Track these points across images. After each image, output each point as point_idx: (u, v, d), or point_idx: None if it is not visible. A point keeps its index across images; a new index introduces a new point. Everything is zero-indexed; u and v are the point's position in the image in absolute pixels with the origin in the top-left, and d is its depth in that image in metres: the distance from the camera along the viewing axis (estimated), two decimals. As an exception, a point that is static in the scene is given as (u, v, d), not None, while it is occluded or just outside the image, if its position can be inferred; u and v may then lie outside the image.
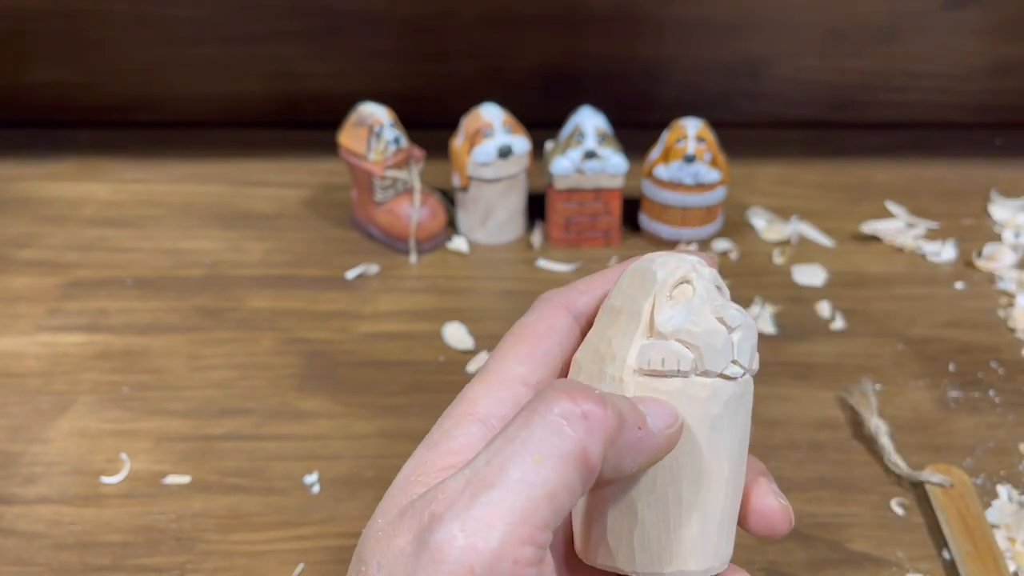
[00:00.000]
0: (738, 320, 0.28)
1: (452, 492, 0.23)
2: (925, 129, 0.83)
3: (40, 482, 0.50)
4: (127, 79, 0.82)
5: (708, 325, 0.28)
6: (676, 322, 0.28)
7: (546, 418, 0.24)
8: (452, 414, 0.28)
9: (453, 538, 0.22)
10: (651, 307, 0.28)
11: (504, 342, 0.30)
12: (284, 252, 0.68)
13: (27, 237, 0.69)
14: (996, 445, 0.52)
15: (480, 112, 0.65)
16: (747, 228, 0.71)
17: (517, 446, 0.23)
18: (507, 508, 0.23)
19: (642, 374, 0.28)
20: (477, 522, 0.23)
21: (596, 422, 0.24)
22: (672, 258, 0.29)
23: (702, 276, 0.29)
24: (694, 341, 0.27)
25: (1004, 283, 0.65)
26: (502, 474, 0.23)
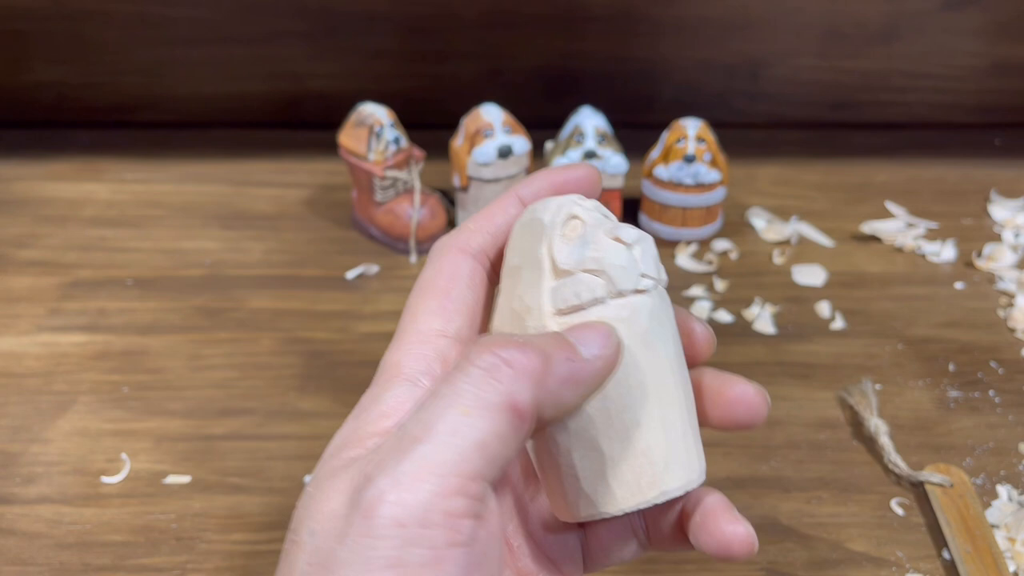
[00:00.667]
0: (633, 235, 0.28)
1: (383, 452, 0.24)
2: (925, 129, 0.83)
3: (40, 482, 0.50)
4: (127, 79, 0.82)
5: (607, 248, 0.28)
6: (576, 255, 0.28)
7: (469, 372, 0.24)
8: (378, 381, 0.28)
9: (382, 494, 0.22)
10: (548, 251, 0.28)
11: (411, 300, 0.30)
12: (284, 252, 0.68)
13: (27, 237, 0.69)
14: (996, 445, 0.52)
15: (480, 112, 0.65)
16: (747, 228, 0.71)
17: (444, 402, 0.24)
18: (436, 461, 0.23)
19: (562, 315, 0.28)
20: (406, 476, 0.23)
21: (519, 367, 0.24)
22: (551, 201, 0.29)
23: (587, 208, 0.29)
24: (599, 267, 0.28)
25: (1004, 283, 0.65)
26: (430, 429, 0.23)
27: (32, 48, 0.81)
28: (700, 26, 0.80)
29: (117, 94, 0.83)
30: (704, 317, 0.61)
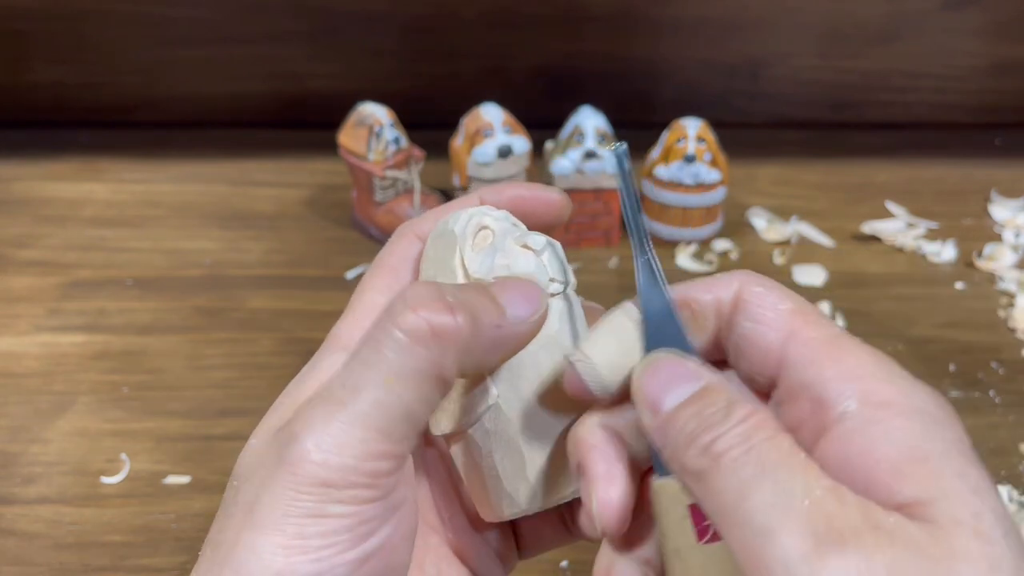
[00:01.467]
0: (541, 242, 0.29)
1: (309, 411, 0.24)
2: (925, 129, 0.83)
3: (40, 482, 0.50)
4: (127, 79, 0.82)
5: (516, 255, 0.29)
6: (487, 263, 0.29)
7: (395, 337, 0.24)
8: (320, 351, 0.29)
9: (307, 453, 0.23)
10: (461, 260, 0.29)
11: (364, 278, 0.31)
12: (284, 252, 0.68)
13: (27, 237, 0.69)
14: (996, 445, 0.52)
15: (480, 112, 0.65)
16: (747, 228, 0.71)
17: (370, 368, 0.24)
18: (361, 426, 0.24)
19: None
20: (332, 439, 0.23)
21: (447, 336, 0.25)
22: (462, 212, 0.30)
23: (496, 218, 0.30)
24: (509, 273, 0.28)
25: (1004, 283, 0.65)
26: (356, 395, 0.24)
27: (32, 48, 0.81)
28: (700, 26, 0.80)
29: (117, 94, 0.83)
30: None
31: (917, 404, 0.23)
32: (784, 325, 0.26)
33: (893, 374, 0.24)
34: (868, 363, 0.25)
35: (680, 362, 0.25)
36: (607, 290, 0.64)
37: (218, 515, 0.26)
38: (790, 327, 0.26)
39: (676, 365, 0.25)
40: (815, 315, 0.26)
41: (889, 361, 0.25)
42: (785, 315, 0.26)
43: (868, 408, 0.23)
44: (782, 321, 0.26)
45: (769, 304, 0.26)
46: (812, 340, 0.25)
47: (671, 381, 0.25)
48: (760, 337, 0.26)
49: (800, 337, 0.25)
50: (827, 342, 0.25)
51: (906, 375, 0.24)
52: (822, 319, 0.26)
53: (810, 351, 0.25)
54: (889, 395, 0.23)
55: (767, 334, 0.26)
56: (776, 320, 0.26)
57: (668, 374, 0.25)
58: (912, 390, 0.24)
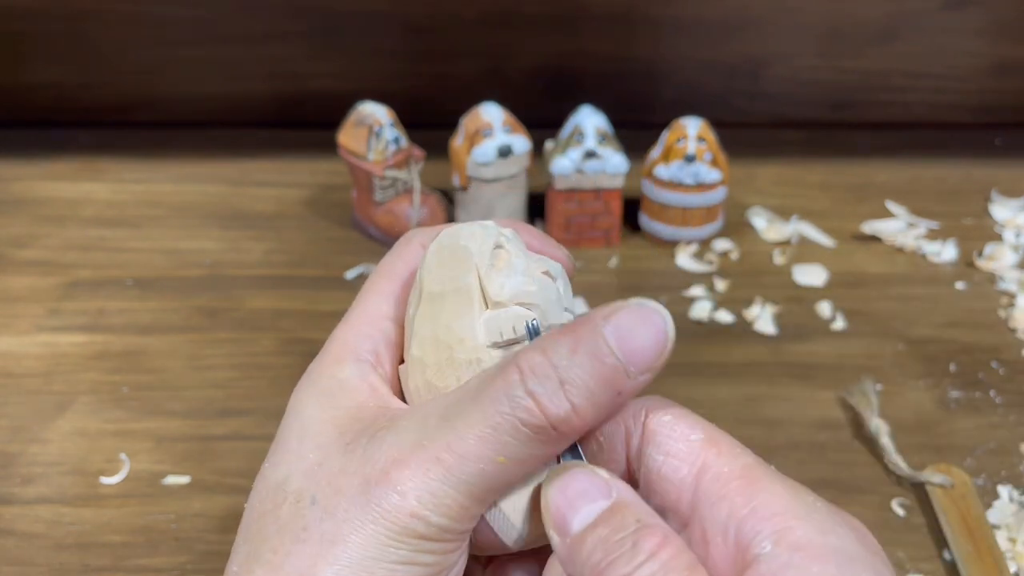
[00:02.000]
0: (558, 269, 0.29)
1: (413, 467, 0.24)
2: (925, 129, 0.83)
3: (39, 482, 0.50)
4: (126, 79, 0.82)
5: (540, 282, 0.28)
6: (510, 287, 0.28)
7: (516, 427, 0.24)
8: (329, 353, 0.29)
9: (409, 508, 0.24)
10: (478, 280, 0.28)
11: (367, 283, 0.31)
12: (284, 252, 0.68)
13: (27, 237, 0.69)
14: (997, 445, 0.52)
15: (480, 112, 0.65)
16: (747, 228, 0.71)
17: (483, 444, 0.24)
18: (466, 495, 0.24)
19: (497, 348, 0.28)
20: (434, 500, 0.24)
21: (569, 432, 0.25)
22: (473, 227, 0.29)
23: (509, 239, 0.29)
24: (533, 300, 0.28)
25: (1005, 283, 0.65)
26: (464, 462, 0.24)
27: (31, 48, 0.80)
28: (700, 26, 0.80)
29: (116, 94, 0.83)
30: (704, 317, 0.61)
31: (833, 544, 0.22)
32: (696, 458, 0.25)
33: (810, 509, 0.23)
34: (783, 499, 0.24)
35: (589, 474, 0.25)
36: (607, 290, 0.64)
37: (265, 530, 0.25)
38: (703, 460, 0.25)
39: (586, 477, 0.24)
40: (727, 444, 0.25)
41: (805, 492, 0.24)
42: (697, 446, 0.25)
43: (783, 550, 0.22)
44: (694, 454, 0.25)
45: (680, 435, 0.26)
46: (724, 475, 0.24)
47: (579, 497, 0.24)
48: (672, 471, 0.25)
49: (712, 471, 0.25)
50: (740, 476, 0.24)
51: (823, 508, 0.24)
52: (735, 448, 0.25)
53: (723, 487, 0.24)
54: (805, 535, 0.23)
55: (679, 468, 0.25)
56: (688, 452, 0.25)
57: (576, 488, 0.24)
58: (829, 527, 0.23)
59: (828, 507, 0.24)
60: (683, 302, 0.63)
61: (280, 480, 0.26)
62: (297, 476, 0.26)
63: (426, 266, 0.29)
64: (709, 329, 0.61)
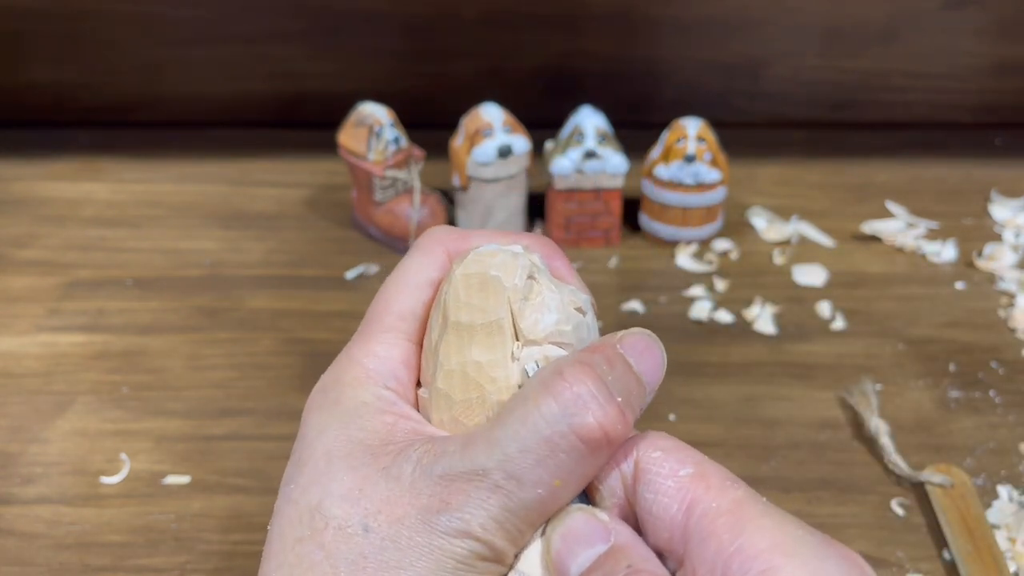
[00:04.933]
0: (587, 302, 0.28)
1: (470, 493, 0.25)
2: (925, 129, 0.83)
3: (39, 482, 0.50)
4: (127, 79, 0.82)
5: (574, 320, 0.28)
6: (544, 325, 0.27)
7: (573, 444, 0.24)
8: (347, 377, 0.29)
9: (473, 533, 0.24)
10: (511, 316, 0.27)
11: (385, 290, 0.30)
12: (284, 252, 0.68)
13: (27, 237, 0.69)
14: (996, 445, 0.52)
15: (480, 112, 0.65)
16: (747, 228, 0.71)
17: (539, 465, 0.24)
18: (523, 520, 0.25)
19: None
20: (496, 526, 0.25)
21: (619, 441, 0.25)
22: (499, 256, 0.28)
23: (537, 266, 0.28)
24: (567, 339, 0.27)
25: (1004, 283, 0.65)
26: (521, 487, 0.24)
27: (32, 48, 0.80)
28: (700, 26, 0.80)
29: (116, 94, 0.83)
30: (704, 317, 0.61)
31: None
32: (685, 495, 0.25)
33: (798, 544, 0.23)
34: (771, 534, 0.23)
35: (590, 518, 0.25)
36: (607, 290, 0.64)
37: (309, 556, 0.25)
38: (692, 496, 0.25)
39: (586, 522, 0.25)
40: (717, 478, 0.25)
41: (795, 526, 0.24)
42: (686, 482, 0.25)
43: None
44: (683, 490, 0.25)
45: (669, 471, 0.25)
46: (712, 511, 0.24)
47: (579, 542, 0.25)
48: (663, 510, 0.25)
49: (700, 507, 0.24)
50: (729, 512, 0.24)
51: (812, 542, 0.23)
52: (725, 482, 0.25)
53: (710, 524, 0.24)
54: (791, 574, 0.22)
55: (670, 506, 0.25)
56: (677, 490, 0.25)
57: (576, 534, 0.25)
58: (818, 564, 0.23)
59: (819, 540, 0.24)
60: (683, 302, 0.63)
61: (314, 505, 0.26)
62: (335, 501, 0.25)
63: (452, 292, 0.28)
64: (709, 329, 0.61)
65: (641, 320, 0.61)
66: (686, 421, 0.54)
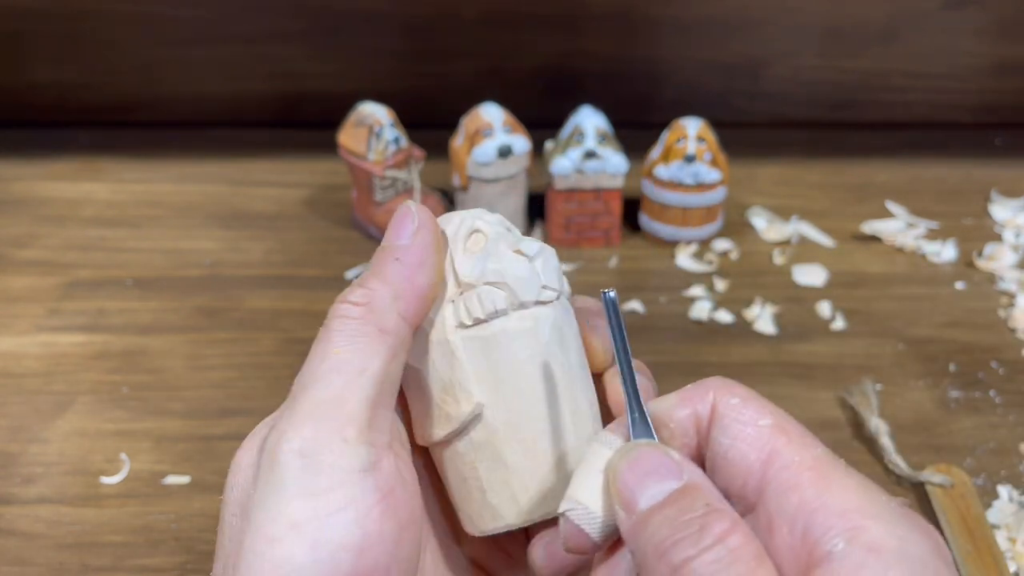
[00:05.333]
0: (535, 248, 0.29)
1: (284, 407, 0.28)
2: (925, 129, 0.83)
3: (40, 482, 0.50)
4: (127, 79, 0.82)
5: (509, 260, 0.28)
6: (478, 268, 0.28)
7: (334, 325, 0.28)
8: None
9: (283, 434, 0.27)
10: (451, 264, 0.29)
11: None
12: (284, 252, 0.68)
13: (27, 237, 0.69)
14: (996, 445, 0.52)
15: (480, 112, 0.65)
16: (747, 228, 0.71)
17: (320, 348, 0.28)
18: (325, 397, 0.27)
19: (463, 328, 0.28)
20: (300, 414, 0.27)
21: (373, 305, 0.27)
22: (456, 215, 0.30)
23: (490, 222, 0.29)
24: (501, 279, 0.28)
25: (1004, 283, 0.65)
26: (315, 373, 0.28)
27: (32, 48, 0.80)
28: (700, 26, 0.80)
29: (117, 94, 0.83)
30: (704, 317, 0.61)
31: (910, 551, 0.22)
32: (765, 444, 0.24)
33: (882, 509, 0.23)
34: (856, 495, 0.23)
35: (661, 455, 0.24)
36: (607, 290, 0.64)
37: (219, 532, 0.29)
38: (772, 446, 0.24)
39: (657, 457, 0.24)
40: (798, 432, 0.25)
41: (877, 491, 0.24)
42: (766, 432, 0.25)
43: (858, 550, 0.22)
44: (763, 440, 0.25)
45: (748, 419, 0.25)
46: (794, 464, 0.24)
47: (649, 475, 0.24)
48: (740, 456, 0.24)
49: (782, 459, 0.24)
50: (811, 468, 0.24)
51: (896, 509, 0.23)
52: (805, 437, 0.25)
53: (793, 476, 0.24)
54: (880, 537, 0.22)
55: (748, 453, 0.24)
56: (756, 438, 0.25)
57: (647, 466, 0.24)
58: (904, 531, 0.22)
59: (901, 508, 0.23)
60: (683, 302, 0.63)
61: None
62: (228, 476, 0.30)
63: None
64: (709, 329, 0.61)
65: (641, 320, 0.61)
66: (686, 421, 0.54)
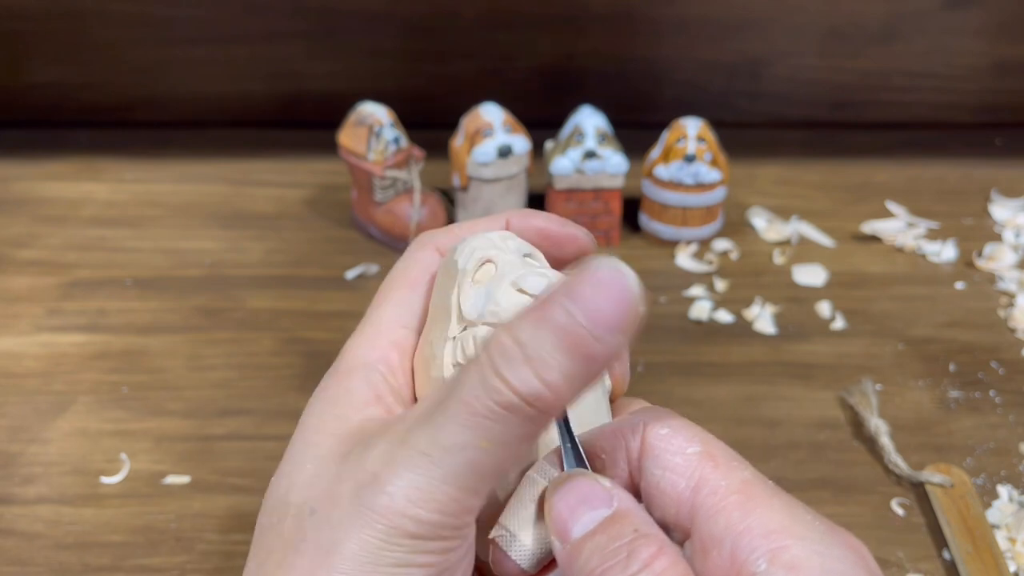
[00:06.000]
0: (539, 286, 0.27)
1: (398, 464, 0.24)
2: (925, 129, 0.83)
3: (40, 482, 0.50)
4: (127, 79, 0.82)
5: (509, 300, 0.27)
6: (479, 306, 0.27)
7: (492, 409, 0.23)
8: (340, 368, 0.29)
9: (399, 507, 0.23)
10: (457, 297, 0.28)
11: (381, 289, 0.31)
12: (284, 252, 0.68)
13: (27, 237, 0.69)
14: (996, 445, 0.52)
15: (480, 112, 0.65)
16: (747, 228, 0.71)
17: (464, 430, 0.24)
18: (455, 486, 0.24)
19: (459, 367, 0.28)
20: (424, 495, 0.24)
21: (547, 408, 0.24)
22: (472, 240, 0.29)
23: (505, 250, 0.28)
24: (498, 320, 0.27)
25: (1004, 283, 0.65)
26: (448, 455, 0.24)
27: (31, 48, 0.80)
28: (701, 26, 0.80)
29: (116, 94, 0.83)
30: (704, 317, 0.61)
31: (828, 565, 0.22)
32: (694, 472, 0.25)
33: (806, 528, 0.23)
34: (780, 515, 0.24)
35: (592, 483, 0.25)
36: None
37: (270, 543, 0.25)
38: (700, 473, 0.25)
39: (588, 486, 0.25)
40: (725, 457, 0.25)
41: (803, 510, 0.24)
42: (694, 460, 0.25)
43: (779, 570, 0.22)
44: (691, 467, 0.25)
45: (676, 448, 0.25)
46: (722, 489, 0.24)
47: (581, 503, 0.24)
48: (671, 486, 0.25)
49: (710, 485, 0.25)
50: (738, 491, 0.24)
51: (820, 526, 0.23)
52: (732, 461, 0.25)
53: (720, 501, 0.24)
54: (800, 556, 0.23)
55: (678, 482, 0.25)
56: (685, 467, 0.25)
57: (579, 495, 0.24)
58: (825, 547, 0.23)
59: (826, 525, 0.24)
60: (683, 302, 0.63)
61: (282, 493, 0.26)
62: (297, 488, 0.26)
63: (436, 276, 0.29)
64: (709, 329, 0.61)
65: (641, 320, 0.61)
66: (686, 421, 0.54)
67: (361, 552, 0.24)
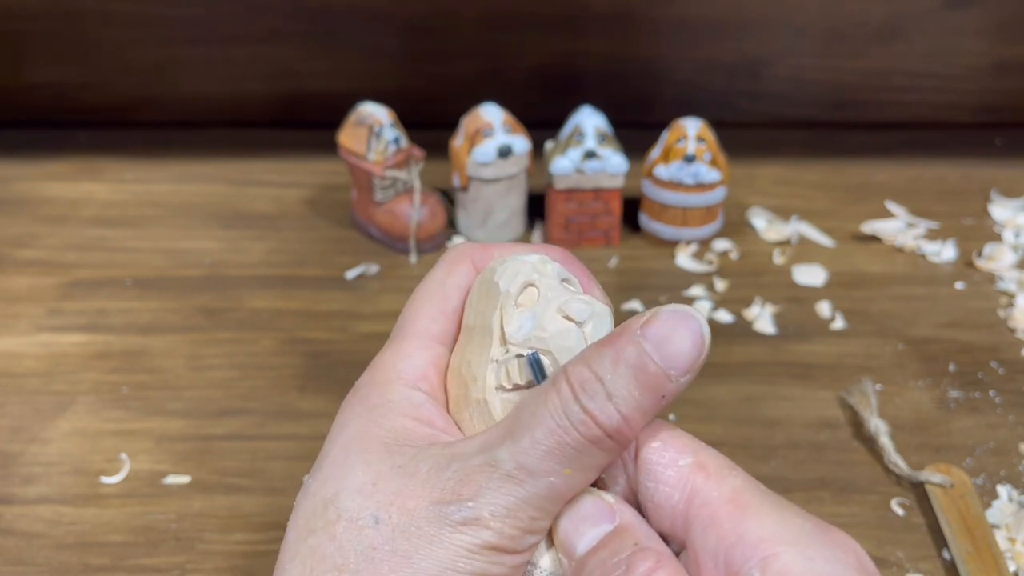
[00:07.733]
0: (585, 312, 0.28)
1: (483, 484, 0.25)
2: (925, 129, 0.83)
3: (40, 482, 0.50)
4: (127, 79, 0.82)
5: (556, 326, 0.27)
6: (525, 330, 0.28)
7: (575, 439, 0.25)
8: (379, 377, 0.29)
9: (485, 521, 0.25)
10: (499, 319, 0.28)
11: (416, 297, 0.31)
12: (284, 252, 0.68)
13: (27, 237, 0.69)
14: (996, 445, 0.52)
15: (480, 112, 0.65)
16: (747, 228, 0.71)
17: (548, 456, 0.25)
18: (536, 508, 0.25)
19: (503, 391, 0.28)
20: (507, 512, 0.25)
21: (624, 440, 0.25)
22: (512, 263, 0.29)
23: (545, 275, 0.29)
24: (545, 346, 0.27)
25: (1004, 283, 0.65)
26: (532, 478, 0.25)
27: (31, 48, 0.80)
28: (700, 26, 0.80)
29: (116, 94, 0.83)
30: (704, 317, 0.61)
31: (819, 569, 0.23)
32: (686, 483, 0.26)
33: (796, 533, 0.24)
34: (771, 522, 0.24)
35: (595, 499, 0.26)
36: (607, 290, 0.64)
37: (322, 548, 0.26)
38: (692, 485, 0.26)
39: (591, 502, 0.26)
40: (716, 467, 0.26)
41: (794, 514, 0.25)
42: (685, 472, 0.26)
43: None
44: (683, 479, 0.26)
45: (668, 460, 0.26)
46: (714, 499, 0.25)
47: (584, 520, 0.26)
48: (665, 498, 0.26)
49: (702, 496, 0.25)
50: (729, 500, 0.25)
51: (812, 530, 0.24)
52: (723, 470, 0.26)
53: (712, 512, 0.25)
54: (790, 563, 0.23)
55: (671, 495, 0.26)
56: (677, 479, 0.26)
57: (582, 512, 0.26)
58: (816, 551, 0.23)
59: (817, 527, 0.24)
60: (683, 302, 0.63)
61: (329, 498, 0.26)
62: (349, 495, 0.26)
63: (470, 297, 0.30)
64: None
65: (641, 320, 0.61)
66: (686, 421, 0.54)
67: (442, 559, 0.25)
